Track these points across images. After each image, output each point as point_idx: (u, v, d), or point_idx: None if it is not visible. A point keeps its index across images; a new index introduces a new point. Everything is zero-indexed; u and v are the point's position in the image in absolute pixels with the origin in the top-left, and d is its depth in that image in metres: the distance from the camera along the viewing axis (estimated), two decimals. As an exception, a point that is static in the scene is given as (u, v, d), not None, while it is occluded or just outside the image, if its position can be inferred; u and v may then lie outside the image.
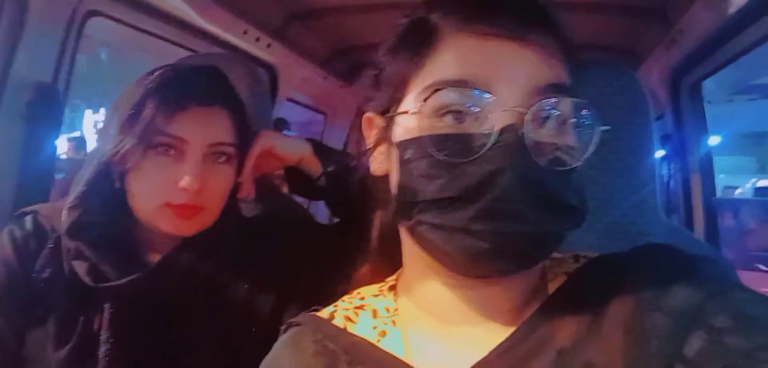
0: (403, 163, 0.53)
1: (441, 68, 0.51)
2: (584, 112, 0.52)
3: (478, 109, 0.49)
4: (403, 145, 0.53)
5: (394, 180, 0.56)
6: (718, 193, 2.07)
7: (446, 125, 0.50)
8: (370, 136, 0.61)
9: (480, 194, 0.48)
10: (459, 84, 0.50)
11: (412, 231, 0.54)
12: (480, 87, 0.49)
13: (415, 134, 0.52)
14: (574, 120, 0.52)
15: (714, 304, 0.46)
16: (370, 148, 0.61)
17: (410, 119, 0.53)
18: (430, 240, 0.51)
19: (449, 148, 0.49)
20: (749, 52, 1.51)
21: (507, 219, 0.48)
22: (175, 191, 0.80)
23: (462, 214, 0.48)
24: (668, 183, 2.14)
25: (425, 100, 0.50)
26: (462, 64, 0.50)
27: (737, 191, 8.22)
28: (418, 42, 0.54)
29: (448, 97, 0.50)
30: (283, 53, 1.95)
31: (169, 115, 0.80)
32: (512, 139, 0.48)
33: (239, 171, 0.90)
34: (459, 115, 0.50)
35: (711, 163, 2.00)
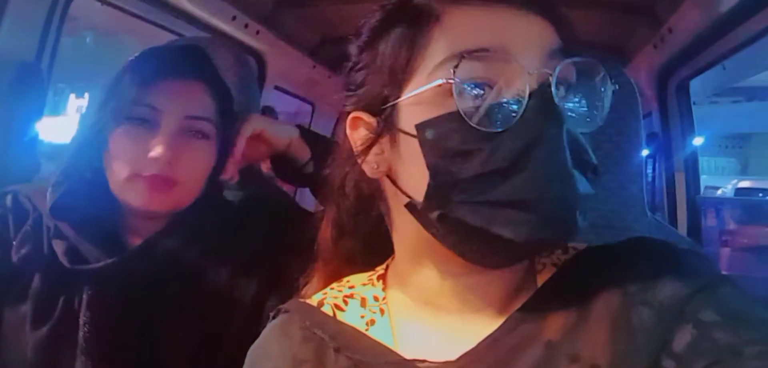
0: (428, 145, 0.49)
1: (453, 42, 0.49)
2: (600, 72, 0.51)
3: (500, 80, 0.48)
4: (424, 127, 0.49)
5: (412, 170, 0.52)
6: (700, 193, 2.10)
7: (470, 98, 0.48)
8: (358, 137, 0.57)
9: (527, 162, 0.46)
10: (479, 53, 0.48)
11: (444, 218, 0.49)
12: (501, 54, 0.48)
13: (439, 111, 0.49)
14: (586, 83, 0.51)
15: (701, 299, 0.46)
16: (362, 150, 0.56)
17: (426, 100, 0.50)
18: (470, 225, 0.48)
19: (482, 119, 0.47)
20: (737, 52, 1.52)
21: (557, 182, 0.46)
22: (146, 161, 0.79)
23: (511, 185, 0.46)
24: (653, 181, 2.16)
25: (455, 68, 0.47)
26: (477, 34, 0.49)
27: (718, 191, 8.35)
28: (411, 25, 0.52)
29: (471, 67, 0.48)
30: (272, 41, 1.94)
31: (145, 86, 0.79)
32: (545, 101, 0.46)
33: (223, 153, 0.89)
34: (479, 88, 0.48)
35: (696, 163, 2.03)
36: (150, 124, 0.80)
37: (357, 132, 0.57)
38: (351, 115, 0.57)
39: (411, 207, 0.53)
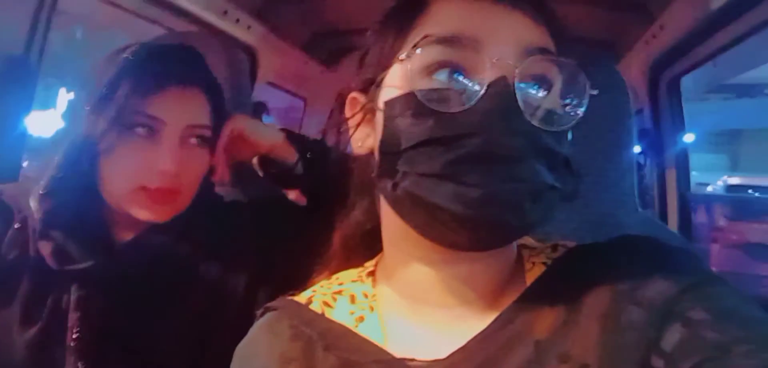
0: (389, 120, 0.52)
1: (431, 27, 0.52)
2: (574, 76, 0.52)
3: (467, 68, 0.50)
4: (389, 104, 0.52)
5: (377, 142, 0.55)
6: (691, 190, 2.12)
7: (435, 82, 0.50)
8: (353, 116, 0.60)
9: (468, 138, 0.47)
10: (449, 40, 0.50)
11: (395, 190, 0.51)
12: (470, 43, 0.49)
13: (404, 91, 0.51)
14: (563, 84, 0.52)
15: (691, 297, 0.46)
16: (352, 127, 0.60)
17: (398, 81, 0.52)
18: (414, 195, 0.49)
19: (438, 100, 0.49)
20: (728, 49, 1.53)
21: (498, 163, 0.47)
22: (152, 174, 0.78)
23: (449, 157, 0.47)
24: (643, 177, 2.17)
25: (414, 46, 0.51)
26: (452, 22, 0.51)
27: (709, 188, 8.39)
28: (405, 13, 0.55)
29: (438, 52, 0.50)
30: (264, 35, 1.93)
31: (146, 95, 0.78)
32: (502, 88, 0.47)
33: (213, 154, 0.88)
34: (449, 74, 0.50)
35: (687, 159, 2.04)
36: (152, 133, 0.79)
37: (352, 111, 0.60)
38: (350, 96, 0.60)
39: (376, 183, 0.55)
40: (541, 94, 0.51)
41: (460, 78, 0.50)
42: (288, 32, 2.04)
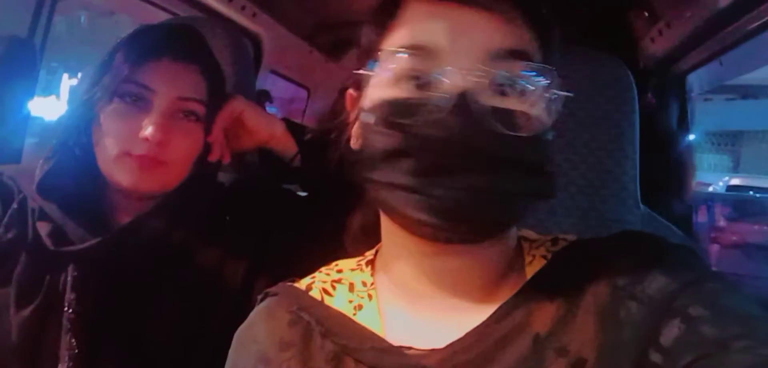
0: (364, 128, 0.54)
1: (400, 35, 0.53)
2: (544, 78, 0.52)
3: (435, 76, 0.50)
4: (364, 112, 0.54)
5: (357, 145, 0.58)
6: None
7: (404, 91, 0.51)
8: (352, 112, 0.61)
9: (422, 151, 0.49)
10: (414, 49, 0.51)
11: (371, 193, 0.55)
12: (434, 52, 0.50)
13: (375, 100, 0.53)
14: (534, 86, 0.52)
15: (690, 293, 0.47)
16: (349, 123, 0.60)
17: (375, 87, 0.54)
18: (381, 199, 0.53)
19: (400, 112, 0.50)
20: (735, 47, 1.52)
21: (457, 174, 0.48)
22: (137, 141, 0.79)
23: (403, 168, 0.49)
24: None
25: (374, 62, 0.53)
26: (418, 30, 0.52)
27: (710, 188, 8.38)
28: (384, 13, 0.56)
29: (404, 62, 0.51)
30: (269, 23, 1.92)
31: (138, 64, 0.79)
32: (460, 102, 0.48)
33: (209, 134, 0.88)
34: (418, 81, 0.51)
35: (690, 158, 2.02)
36: (142, 102, 0.80)
37: (351, 106, 0.62)
38: (348, 91, 0.62)
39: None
40: (512, 97, 0.51)
41: (425, 88, 0.50)
42: (293, 21, 2.04)
